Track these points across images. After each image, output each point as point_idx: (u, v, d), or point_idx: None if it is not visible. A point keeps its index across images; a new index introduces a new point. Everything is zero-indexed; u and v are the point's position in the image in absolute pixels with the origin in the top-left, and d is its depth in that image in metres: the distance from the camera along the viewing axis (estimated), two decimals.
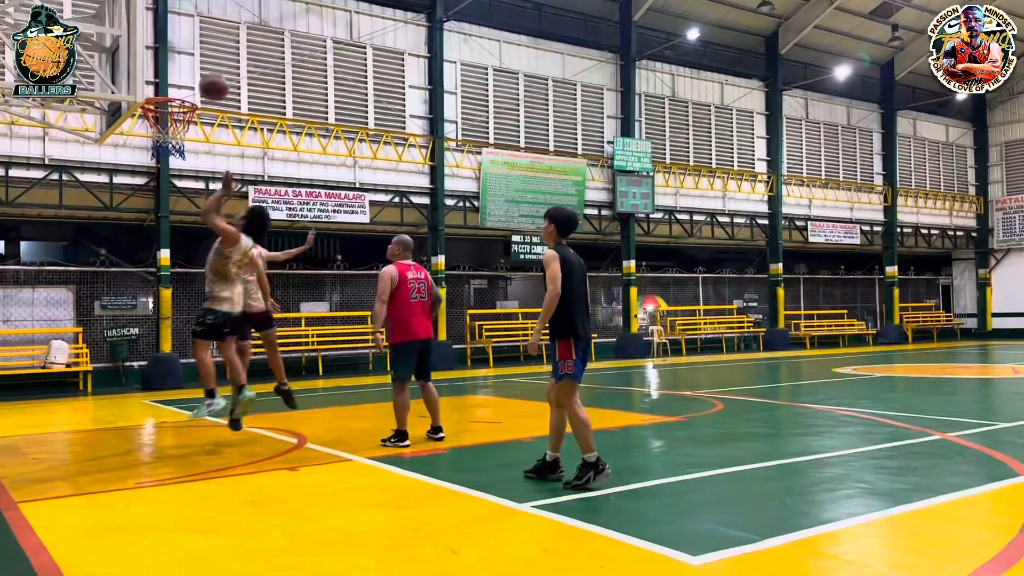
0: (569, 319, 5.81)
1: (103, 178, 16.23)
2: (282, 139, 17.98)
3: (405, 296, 7.73)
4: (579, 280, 5.95)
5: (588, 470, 5.64)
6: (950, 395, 11.91)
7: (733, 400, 11.12)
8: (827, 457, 6.73)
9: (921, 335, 30.52)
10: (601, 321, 25.22)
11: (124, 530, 4.88)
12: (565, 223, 6.16)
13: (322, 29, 18.82)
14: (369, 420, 10.04)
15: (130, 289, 17.73)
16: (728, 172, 25.41)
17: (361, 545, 4.43)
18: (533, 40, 21.95)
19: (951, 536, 4.38)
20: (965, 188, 31.99)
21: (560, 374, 5.80)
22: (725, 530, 4.53)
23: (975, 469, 6.16)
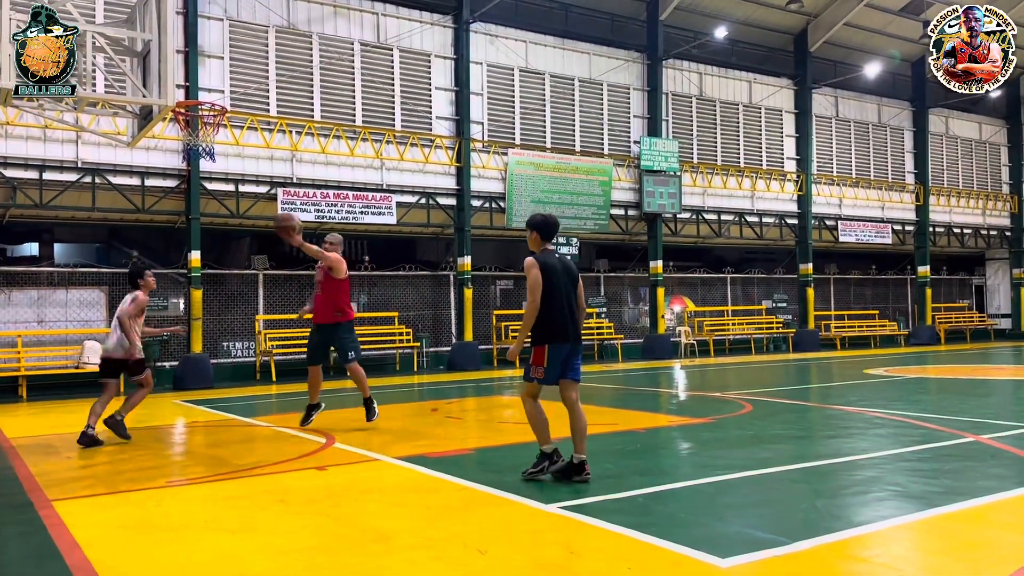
0: (548, 326, 5.95)
1: (135, 181, 16.47)
2: (310, 141, 18.13)
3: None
4: (562, 285, 6.05)
5: (543, 460, 6.00)
6: (984, 397, 11.71)
7: (762, 402, 11.01)
8: (858, 459, 6.65)
9: (954, 336, 30.04)
10: (628, 322, 25.13)
11: (156, 528, 4.94)
12: (545, 228, 6.29)
13: (349, 32, 18.95)
14: (395, 420, 10.08)
15: (162, 290, 17.95)
16: (757, 171, 25.20)
17: (389, 545, 4.45)
18: (559, 40, 21.93)
19: (985, 540, 4.30)
20: (999, 186, 31.44)
21: (530, 376, 6.02)
22: (754, 532, 4.49)
23: (1009, 472, 6.05)
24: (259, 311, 18.75)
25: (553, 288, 5.98)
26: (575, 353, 6.10)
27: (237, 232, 20.93)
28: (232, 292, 18.70)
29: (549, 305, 5.95)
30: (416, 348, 20.02)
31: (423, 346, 20.39)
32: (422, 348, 20.33)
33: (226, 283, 18.73)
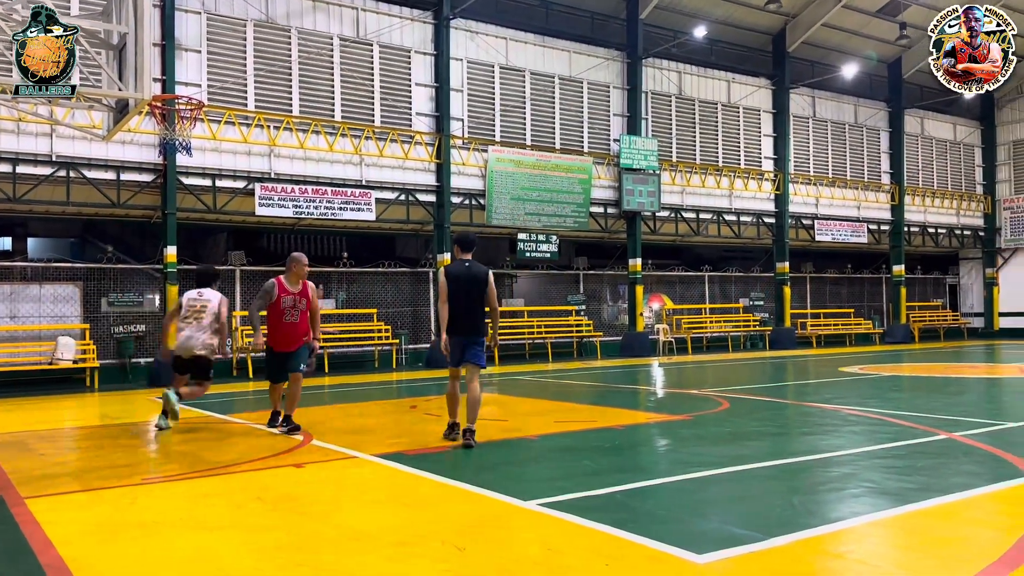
0: (450, 321, 7.50)
1: (110, 175, 16.28)
2: (288, 136, 18.01)
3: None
4: (462, 289, 7.45)
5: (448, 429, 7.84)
6: (957, 395, 11.87)
7: (739, 399, 11.10)
8: (833, 456, 6.72)
9: (928, 334, 30.43)
10: (607, 319, 25.23)
11: (130, 526, 4.89)
12: (462, 243, 7.69)
13: (329, 26, 18.84)
14: (373, 417, 10.05)
15: (137, 286, 17.79)
16: (735, 170, 25.36)
17: (368, 542, 4.43)
18: (539, 38, 21.93)
19: (958, 536, 4.36)
20: (973, 187, 31.87)
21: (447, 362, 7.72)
22: (731, 529, 4.52)
23: (982, 469, 6.14)
24: (236, 307, 18.61)
25: (452, 293, 7.44)
26: (471, 343, 7.50)
27: (214, 227, 20.74)
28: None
29: (451, 305, 7.46)
30: (395, 345, 19.96)
31: (402, 343, 20.34)
32: (401, 345, 20.28)
33: None
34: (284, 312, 8.41)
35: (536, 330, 22.42)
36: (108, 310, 17.31)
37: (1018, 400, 11.29)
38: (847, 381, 13.89)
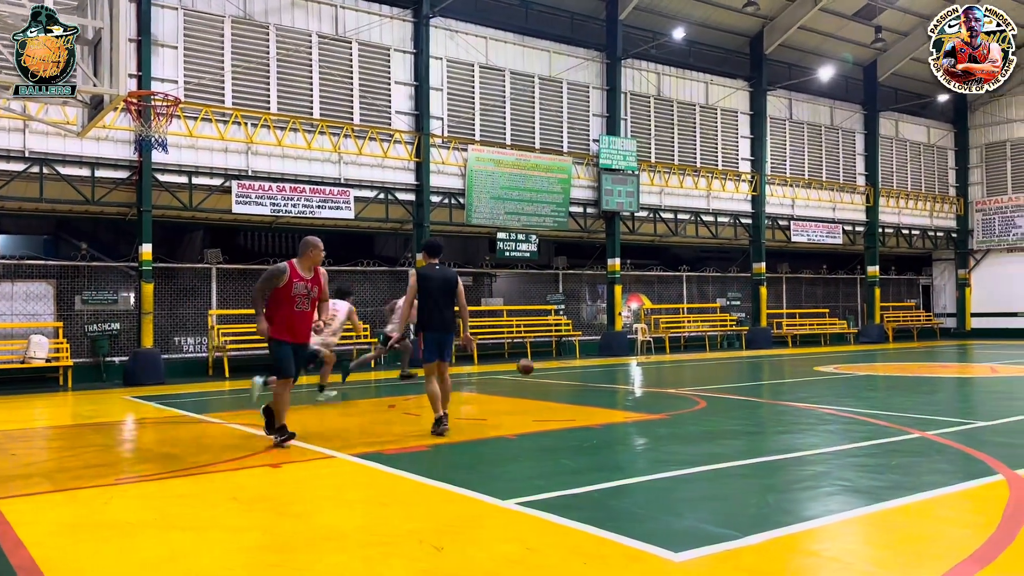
0: (424, 319, 8.06)
1: (84, 171, 16.08)
2: (266, 134, 17.89)
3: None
4: (435, 289, 8.03)
5: (436, 423, 8.02)
6: (930, 394, 12.02)
7: (716, 398, 11.17)
8: (808, 455, 6.78)
9: (901, 334, 30.80)
10: (585, 319, 25.30)
11: (103, 527, 4.84)
12: (430, 249, 8.40)
13: (307, 23, 18.73)
14: (351, 417, 10.01)
15: (111, 284, 17.59)
16: (712, 171, 25.52)
17: (344, 542, 4.42)
18: (519, 37, 21.94)
19: (930, 533, 4.42)
20: (946, 189, 32.30)
21: (421, 358, 8.14)
22: (707, 527, 4.55)
23: (954, 467, 6.22)
24: (212, 306, 18.46)
25: (428, 293, 8.02)
26: (444, 340, 8.07)
27: (190, 225, 20.58)
28: (184, 286, 18.38)
29: (423, 304, 8.05)
30: (373, 344, 19.86)
31: (380, 342, 20.24)
32: (379, 344, 20.18)
33: (178, 277, 18.40)
34: (296, 300, 7.52)
35: (515, 329, 22.43)
36: (82, 308, 17.10)
37: (989, 399, 11.46)
38: (822, 380, 14.02)
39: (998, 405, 10.40)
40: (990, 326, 31.22)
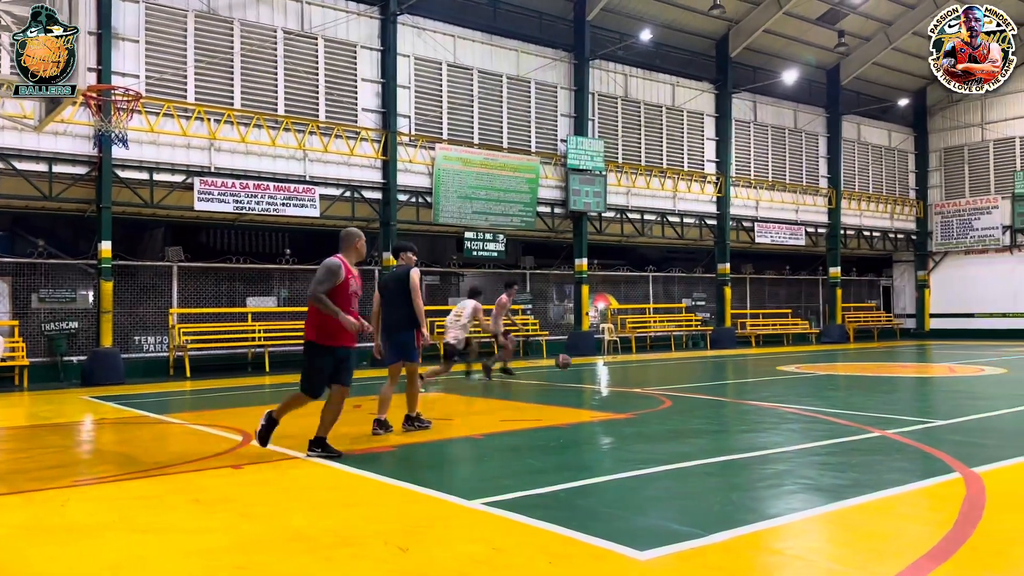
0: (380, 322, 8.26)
1: (42, 167, 15.74)
2: (230, 130, 17.65)
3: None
4: (386, 294, 8.26)
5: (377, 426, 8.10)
6: (889, 393, 12.23)
7: (681, 397, 11.25)
8: (771, 453, 6.86)
9: (862, 335, 31.32)
10: (552, 318, 25.35)
11: (61, 529, 4.73)
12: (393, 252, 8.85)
13: (272, 19, 18.52)
14: (315, 417, 9.90)
15: (69, 282, 17.24)
16: (678, 173, 25.73)
17: (308, 544, 4.37)
18: (487, 36, 21.92)
19: (889, 531, 4.49)
20: (906, 192, 32.91)
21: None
22: (672, 525, 4.58)
23: (913, 465, 6.33)
24: (173, 304, 18.17)
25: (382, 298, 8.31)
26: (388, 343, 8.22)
27: (151, 222, 20.24)
28: (145, 284, 18.08)
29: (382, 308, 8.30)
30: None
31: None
32: None
33: (138, 275, 18.09)
34: (350, 298, 6.92)
35: (482, 329, 22.33)
36: (39, 306, 16.74)
37: (947, 399, 11.69)
38: (785, 380, 14.20)
39: (956, 404, 10.61)
40: (948, 327, 31.89)
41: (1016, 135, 30.53)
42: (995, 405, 10.01)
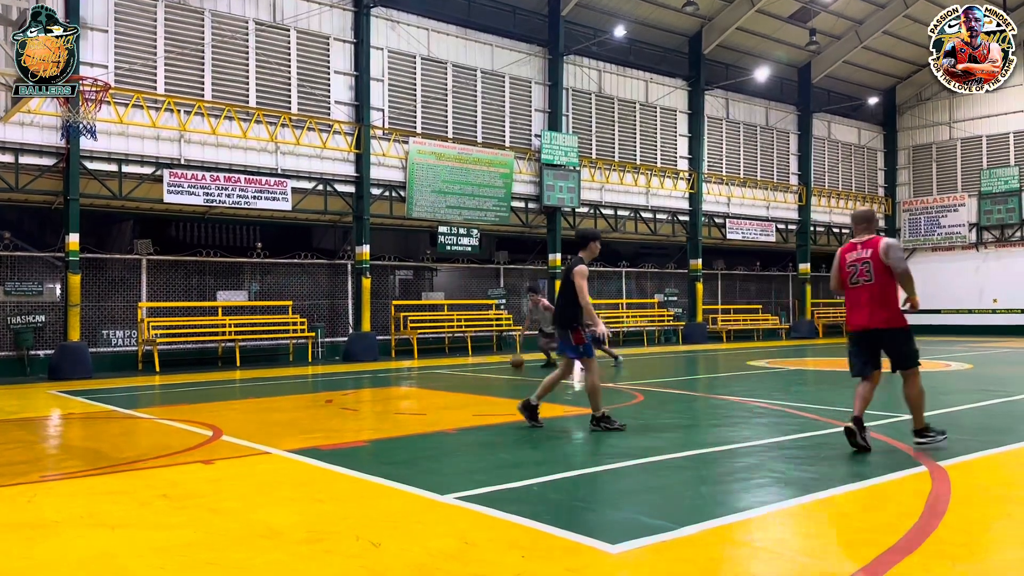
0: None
1: (7, 158, 15.45)
2: (200, 122, 17.44)
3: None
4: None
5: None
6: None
7: (653, 392, 11.33)
8: (741, 447, 6.93)
9: (832, 330, 31.71)
10: (526, 313, 25.33)
11: (27, 526, 4.66)
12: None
13: (244, 10, 18.32)
14: (287, 412, 9.85)
15: (36, 274, 16.95)
16: (652, 169, 25.86)
17: (279, 539, 4.34)
18: (462, 30, 21.86)
19: (857, 523, 4.56)
20: (875, 189, 33.36)
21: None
22: (643, 518, 4.61)
23: (880, 459, 6.43)
24: (142, 298, 17.95)
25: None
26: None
27: (119, 215, 19.97)
28: (113, 278, 17.83)
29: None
30: (311, 338, 19.61)
31: (318, 336, 20.00)
32: (317, 338, 19.94)
33: (107, 268, 17.83)
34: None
35: (456, 324, 22.37)
36: (5, 299, 16.45)
37: None
38: (755, 375, 14.35)
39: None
40: (915, 323, 32.18)
41: (983, 134, 31.06)
42: (960, 400, 10.19)
